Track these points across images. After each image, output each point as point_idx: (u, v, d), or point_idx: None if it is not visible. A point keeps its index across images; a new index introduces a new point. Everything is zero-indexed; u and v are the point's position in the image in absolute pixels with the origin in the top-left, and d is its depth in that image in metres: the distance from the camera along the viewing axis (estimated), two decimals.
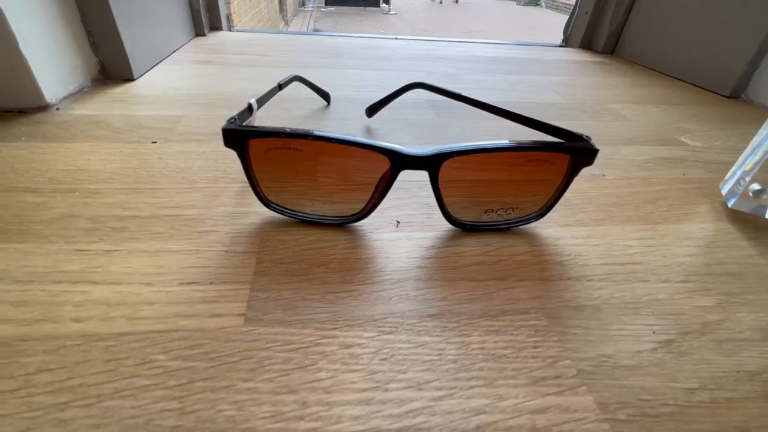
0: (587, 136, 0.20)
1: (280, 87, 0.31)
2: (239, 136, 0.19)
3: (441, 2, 9.50)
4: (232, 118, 0.20)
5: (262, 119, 0.34)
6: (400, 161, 0.19)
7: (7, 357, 0.14)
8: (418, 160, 0.19)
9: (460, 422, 0.13)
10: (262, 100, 0.27)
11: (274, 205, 0.22)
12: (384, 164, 0.19)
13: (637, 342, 0.17)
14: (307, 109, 0.38)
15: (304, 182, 0.21)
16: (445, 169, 0.20)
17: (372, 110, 0.36)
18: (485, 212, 0.22)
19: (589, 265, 0.21)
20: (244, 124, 0.23)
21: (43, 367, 0.14)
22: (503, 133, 0.36)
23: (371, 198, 0.21)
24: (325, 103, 0.40)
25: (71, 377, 0.14)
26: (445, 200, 0.21)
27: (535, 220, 0.23)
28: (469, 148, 0.19)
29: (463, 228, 0.22)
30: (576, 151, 0.20)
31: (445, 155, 0.19)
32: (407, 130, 0.35)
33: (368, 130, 0.35)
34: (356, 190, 0.21)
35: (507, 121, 0.28)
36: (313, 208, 0.22)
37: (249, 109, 0.24)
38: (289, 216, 0.22)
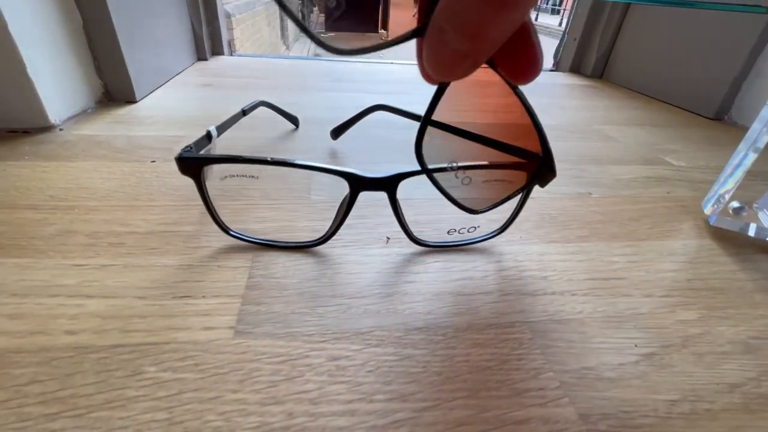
0: (546, 156, 0.19)
1: (244, 113, 0.31)
2: (194, 164, 0.19)
3: None
4: (188, 146, 0.20)
5: (226, 146, 0.33)
6: (358, 184, 0.19)
7: (0, 368, 0.14)
8: (376, 182, 0.19)
9: None
10: (222, 127, 0.27)
11: (233, 232, 0.22)
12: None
13: (620, 355, 0.17)
14: (279, 131, 0.39)
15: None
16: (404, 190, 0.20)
17: (337, 132, 0.36)
18: (448, 232, 0.23)
19: (574, 280, 0.21)
20: (201, 152, 0.23)
21: (35, 378, 0.14)
22: (472, 152, 0.37)
23: (333, 221, 0.21)
24: (294, 127, 0.40)
25: (62, 388, 0.14)
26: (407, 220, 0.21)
27: (496, 236, 0.23)
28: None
29: (427, 247, 0.23)
30: (531, 171, 0.19)
31: (401, 176, 0.19)
32: (372, 149, 0.36)
33: (333, 153, 0.35)
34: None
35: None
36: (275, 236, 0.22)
37: (207, 137, 0.24)
38: (249, 242, 0.22)
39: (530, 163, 0.19)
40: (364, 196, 0.20)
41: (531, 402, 0.15)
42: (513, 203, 0.21)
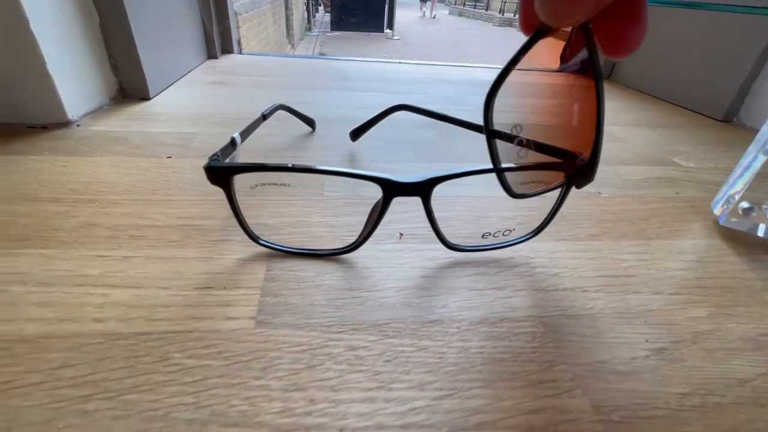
0: (580, 154, 0.20)
1: (264, 117, 0.31)
2: (224, 173, 0.19)
3: (434, 17, 11.35)
4: (214, 154, 0.20)
5: (246, 146, 0.32)
6: (392, 189, 0.19)
7: (33, 353, 0.15)
8: (410, 187, 0.19)
9: (460, 420, 0.14)
10: (245, 133, 0.26)
11: (262, 241, 0.21)
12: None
13: (631, 349, 0.17)
14: (296, 131, 0.40)
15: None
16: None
17: (356, 134, 0.36)
18: (482, 236, 0.23)
19: (585, 277, 0.22)
20: (227, 160, 0.22)
21: (66, 362, 0.15)
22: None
23: (365, 228, 0.21)
24: (311, 129, 0.40)
25: (93, 372, 0.15)
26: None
27: (531, 238, 0.23)
28: (460, 171, 0.19)
29: (463, 251, 0.22)
30: (569, 171, 0.20)
31: (436, 180, 0.19)
32: (390, 149, 0.37)
33: (352, 153, 0.36)
34: None
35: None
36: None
37: (232, 143, 0.24)
38: (278, 250, 0.22)
39: (577, 163, 0.19)
40: (373, 192, 0.19)
41: (545, 393, 0.15)
42: (548, 205, 0.22)
